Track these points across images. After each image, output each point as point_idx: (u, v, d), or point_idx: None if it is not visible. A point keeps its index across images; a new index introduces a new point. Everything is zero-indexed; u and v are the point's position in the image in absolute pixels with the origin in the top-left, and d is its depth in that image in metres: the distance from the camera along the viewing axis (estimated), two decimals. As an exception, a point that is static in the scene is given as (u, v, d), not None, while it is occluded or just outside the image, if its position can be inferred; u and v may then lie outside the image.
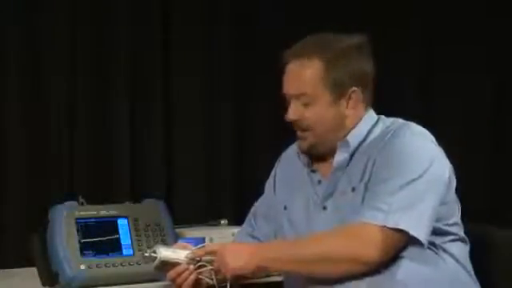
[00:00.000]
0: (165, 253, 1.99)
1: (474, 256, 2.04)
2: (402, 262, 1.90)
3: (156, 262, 1.98)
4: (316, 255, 1.90)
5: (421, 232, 1.87)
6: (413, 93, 3.32)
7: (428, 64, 3.34)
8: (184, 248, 2.03)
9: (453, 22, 3.29)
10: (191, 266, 1.98)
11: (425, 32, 3.34)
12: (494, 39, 3.29)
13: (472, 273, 2.03)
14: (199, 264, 1.98)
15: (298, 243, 1.97)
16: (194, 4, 3.14)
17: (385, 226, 1.85)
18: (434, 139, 2.00)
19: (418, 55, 3.34)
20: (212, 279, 1.97)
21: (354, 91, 2.02)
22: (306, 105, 2.00)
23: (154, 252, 1.99)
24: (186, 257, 1.98)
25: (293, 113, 2.02)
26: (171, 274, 2.00)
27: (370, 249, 1.85)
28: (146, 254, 2.00)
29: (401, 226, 1.85)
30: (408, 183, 1.88)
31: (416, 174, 1.89)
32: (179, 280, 1.99)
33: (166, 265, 1.99)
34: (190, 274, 1.98)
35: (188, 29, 3.12)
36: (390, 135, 1.98)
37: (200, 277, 1.98)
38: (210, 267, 1.97)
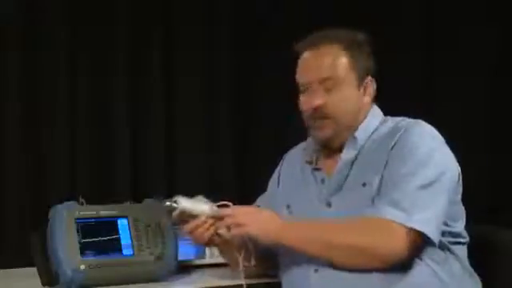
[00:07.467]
0: (185, 203, 1.96)
1: (474, 256, 2.04)
2: (413, 260, 1.90)
3: (176, 211, 1.95)
4: (343, 244, 1.86)
5: (435, 233, 1.87)
6: (413, 94, 3.31)
7: (428, 66, 3.34)
8: (203, 202, 2.00)
9: (453, 25, 3.30)
10: (210, 220, 1.96)
11: (425, 35, 3.34)
12: (493, 42, 3.29)
13: (474, 273, 2.03)
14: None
15: (326, 228, 1.91)
16: (194, 3, 3.14)
17: (405, 226, 1.84)
18: (443, 140, 1.99)
19: (419, 58, 3.34)
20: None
21: (370, 80, 2.02)
22: (329, 90, 1.97)
23: (175, 202, 1.96)
24: (204, 212, 1.95)
25: (317, 98, 1.98)
26: (189, 226, 1.97)
27: (396, 247, 1.84)
28: (168, 203, 1.96)
29: (420, 228, 1.84)
30: (428, 185, 1.87)
31: (434, 176, 1.89)
32: (197, 233, 1.96)
33: (185, 216, 1.95)
34: (208, 228, 1.96)
35: (188, 29, 3.12)
36: (402, 132, 1.95)
37: (218, 232, 1.95)
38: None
